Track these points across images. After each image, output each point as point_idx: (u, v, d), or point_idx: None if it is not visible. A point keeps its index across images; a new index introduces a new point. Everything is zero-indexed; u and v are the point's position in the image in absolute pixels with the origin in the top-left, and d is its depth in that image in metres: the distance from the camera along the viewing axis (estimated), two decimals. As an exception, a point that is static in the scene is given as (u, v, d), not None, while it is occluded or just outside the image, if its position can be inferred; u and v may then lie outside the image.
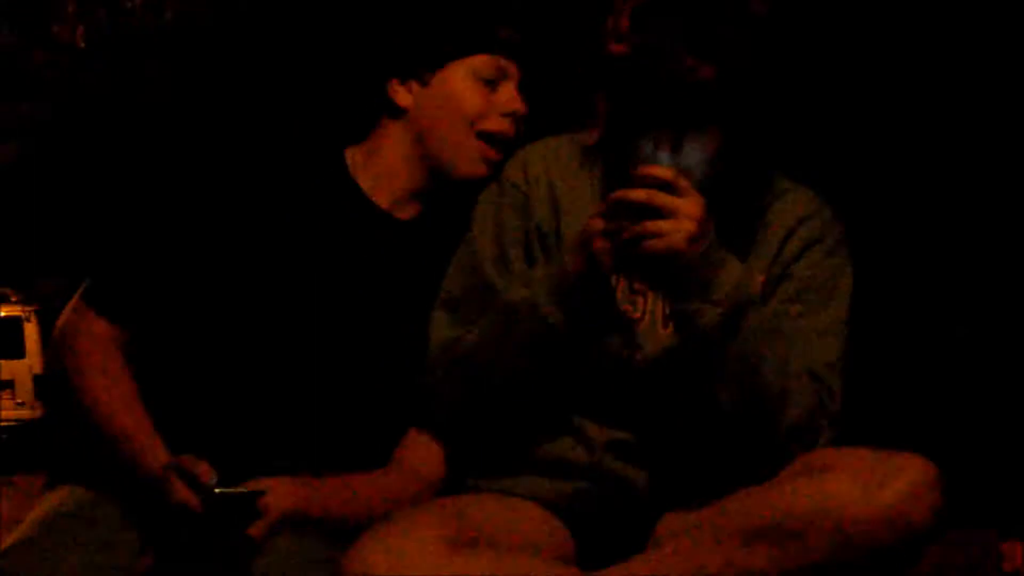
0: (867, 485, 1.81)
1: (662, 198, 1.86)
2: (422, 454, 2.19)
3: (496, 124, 2.25)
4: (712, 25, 1.97)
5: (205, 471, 1.97)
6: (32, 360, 11.32)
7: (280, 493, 2.02)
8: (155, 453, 2.04)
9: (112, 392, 2.10)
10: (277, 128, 2.32)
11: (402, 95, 2.28)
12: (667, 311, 2.04)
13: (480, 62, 2.25)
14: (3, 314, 11.42)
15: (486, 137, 2.25)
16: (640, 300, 2.07)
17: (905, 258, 2.55)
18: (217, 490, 1.96)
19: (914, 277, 2.53)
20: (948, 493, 1.83)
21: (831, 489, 1.83)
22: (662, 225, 1.86)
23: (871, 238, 2.40)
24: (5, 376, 11.24)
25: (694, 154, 1.93)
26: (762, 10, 2.01)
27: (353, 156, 2.30)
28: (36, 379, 11.24)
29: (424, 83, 2.27)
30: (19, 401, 11.34)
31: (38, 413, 11.00)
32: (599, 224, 1.91)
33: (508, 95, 2.26)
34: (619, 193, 1.89)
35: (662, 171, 1.88)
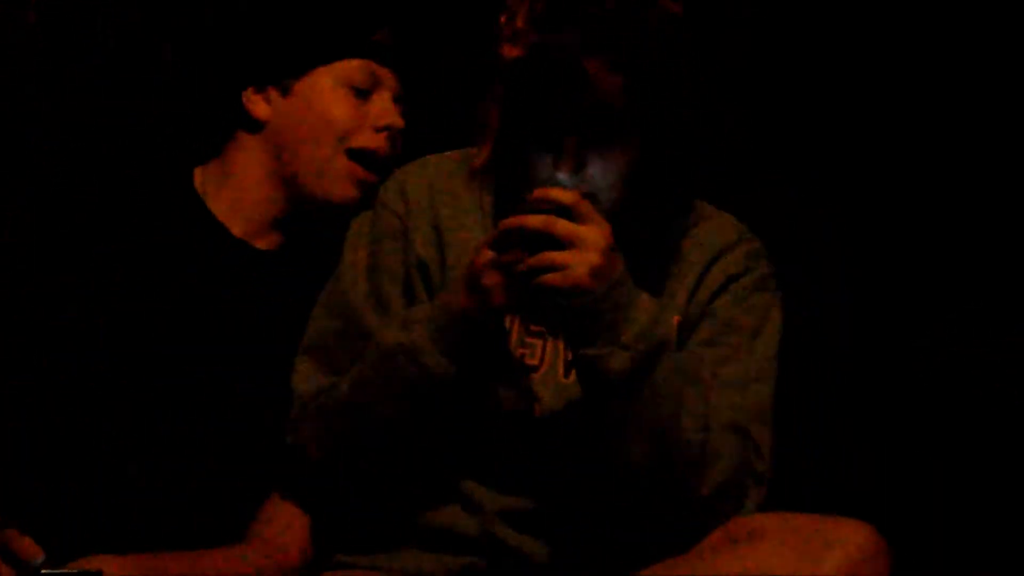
0: (802, 556, 1.73)
1: (562, 225, 1.77)
2: (283, 524, 2.05)
3: (369, 140, 2.13)
4: (621, 25, 1.86)
5: (29, 548, 1.87)
6: None
7: (115, 573, 1.88)
8: None
9: None
10: (113, 145, 2.25)
11: (259, 106, 2.14)
12: (568, 356, 1.94)
13: (350, 68, 2.13)
14: None
15: (357, 155, 2.13)
16: (538, 344, 1.97)
17: (862, 265, 2.52)
18: (44, 571, 1.86)
19: (871, 287, 2.51)
20: (896, 563, 1.78)
21: (761, 561, 1.75)
22: (562, 256, 1.77)
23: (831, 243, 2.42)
24: None
25: (599, 175, 1.86)
26: (677, 8, 1.91)
27: (203, 177, 2.17)
28: None
29: (285, 92, 2.13)
30: None
31: None
32: (489, 256, 1.81)
33: (383, 107, 2.14)
34: (512, 219, 1.79)
35: (562, 194, 1.79)
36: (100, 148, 2.25)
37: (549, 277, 1.76)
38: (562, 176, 1.83)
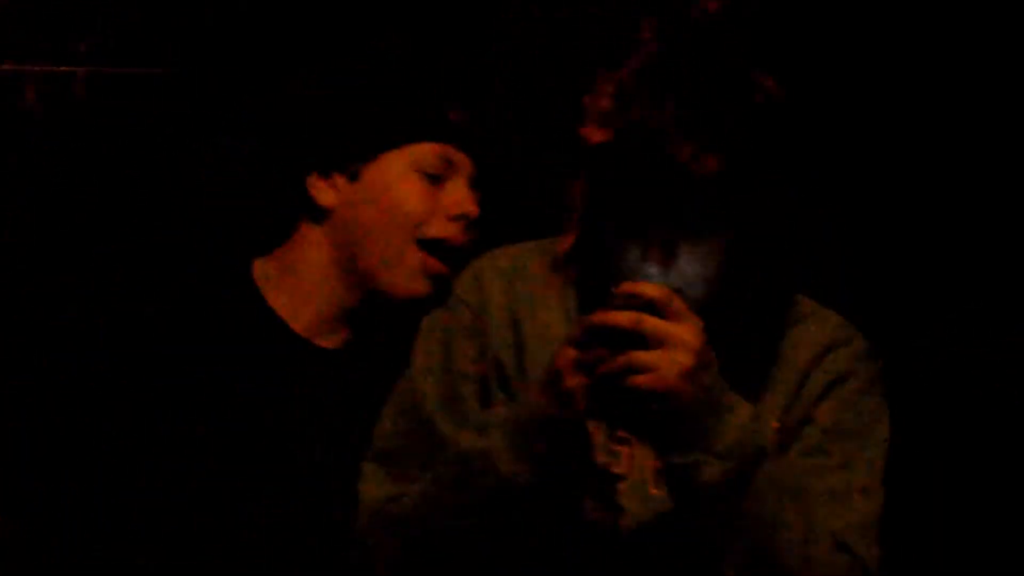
0: None
1: (651, 323, 1.71)
2: None
3: (443, 230, 2.10)
4: (719, 104, 1.81)
5: None
6: None
7: None
8: None
9: None
10: (169, 237, 2.26)
11: (324, 192, 2.10)
12: (658, 466, 1.86)
13: (423, 152, 2.09)
14: None
15: (430, 245, 2.09)
16: (624, 451, 1.88)
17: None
18: None
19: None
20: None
21: None
22: (651, 357, 1.71)
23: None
24: None
25: (692, 267, 1.81)
26: (774, 86, 1.86)
27: (263, 269, 2.15)
28: None
29: (353, 178, 2.10)
30: None
31: None
32: (572, 355, 1.75)
33: (458, 193, 2.10)
34: (597, 316, 1.73)
35: (652, 288, 1.73)
36: (154, 240, 2.26)
37: (637, 379, 1.71)
38: (651, 269, 1.78)
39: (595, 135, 1.86)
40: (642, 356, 1.70)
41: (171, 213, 2.33)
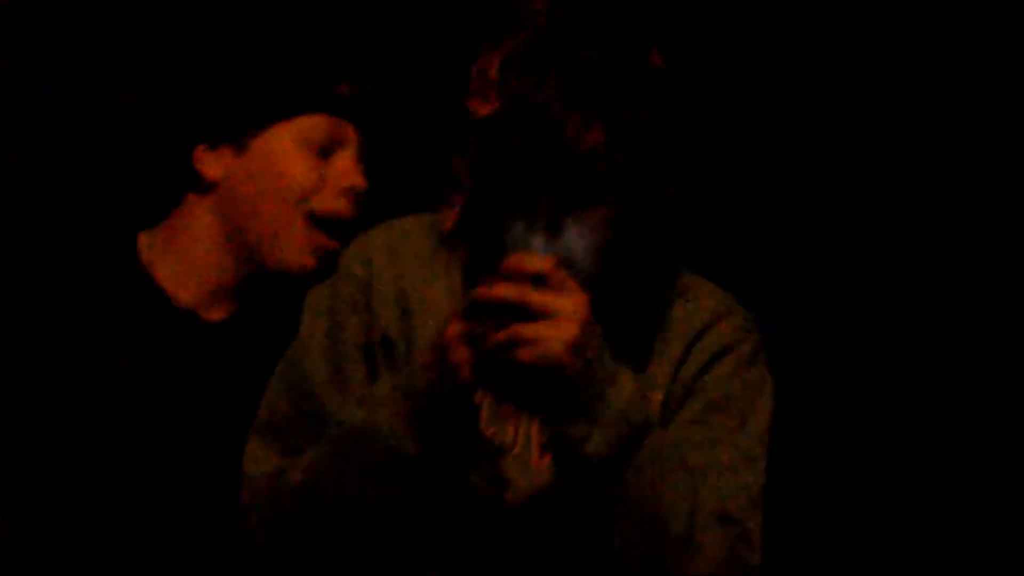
0: None
1: (537, 296, 1.71)
2: None
3: (330, 203, 2.08)
4: (602, 77, 1.81)
5: None
6: None
7: None
8: None
9: None
10: (47, 208, 2.22)
11: (211, 164, 2.08)
12: (544, 437, 1.87)
13: (311, 125, 2.08)
14: None
15: (317, 219, 2.08)
16: (510, 424, 1.90)
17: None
18: None
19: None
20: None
21: None
22: (537, 329, 1.71)
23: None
24: None
25: (577, 240, 1.79)
26: (661, 60, 1.86)
27: (149, 242, 2.12)
28: None
29: (239, 150, 2.08)
30: None
31: None
32: (458, 328, 1.75)
33: (345, 166, 2.09)
34: (483, 289, 1.73)
35: (536, 261, 1.73)
36: (34, 214, 2.23)
37: (522, 352, 1.70)
38: (537, 241, 1.77)
39: (481, 107, 1.86)
40: (527, 328, 1.70)
41: (52, 186, 2.30)
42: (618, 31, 1.85)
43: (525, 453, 1.89)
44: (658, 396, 1.89)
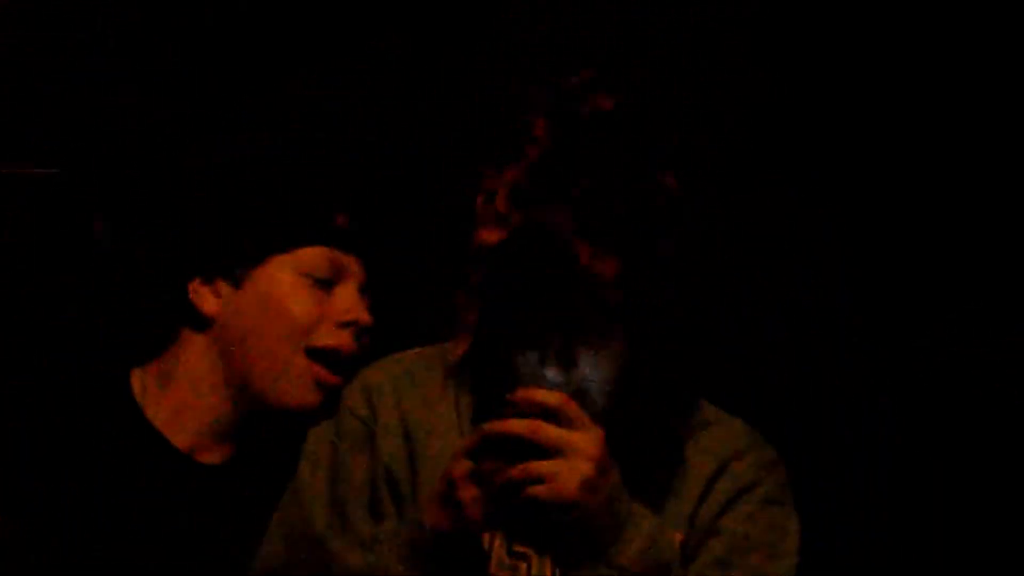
0: None
1: (548, 431, 1.69)
2: None
3: (332, 338, 2.04)
4: (614, 203, 1.79)
5: None
6: None
7: None
8: None
9: None
10: (40, 346, 2.20)
11: (207, 299, 2.05)
12: None
13: (311, 257, 2.05)
14: None
15: (318, 354, 2.03)
16: (522, 566, 1.86)
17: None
18: None
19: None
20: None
21: None
22: (549, 466, 1.69)
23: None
24: None
25: (591, 372, 1.78)
26: (675, 184, 1.84)
27: (142, 380, 2.08)
28: None
29: (236, 284, 2.05)
30: None
31: None
32: (466, 466, 1.73)
33: (347, 299, 2.05)
34: (492, 425, 1.72)
35: (549, 395, 1.72)
36: (26, 349, 2.21)
37: (534, 490, 1.68)
38: (549, 375, 1.76)
39: (491, 236, 1.84)
40: (540, 466, 1.68)
41: (45, 319, 2.29)
42: (627, 155, 1.83)
43: (539, 598, 1.89)
44: (679, 536, 1.85)
